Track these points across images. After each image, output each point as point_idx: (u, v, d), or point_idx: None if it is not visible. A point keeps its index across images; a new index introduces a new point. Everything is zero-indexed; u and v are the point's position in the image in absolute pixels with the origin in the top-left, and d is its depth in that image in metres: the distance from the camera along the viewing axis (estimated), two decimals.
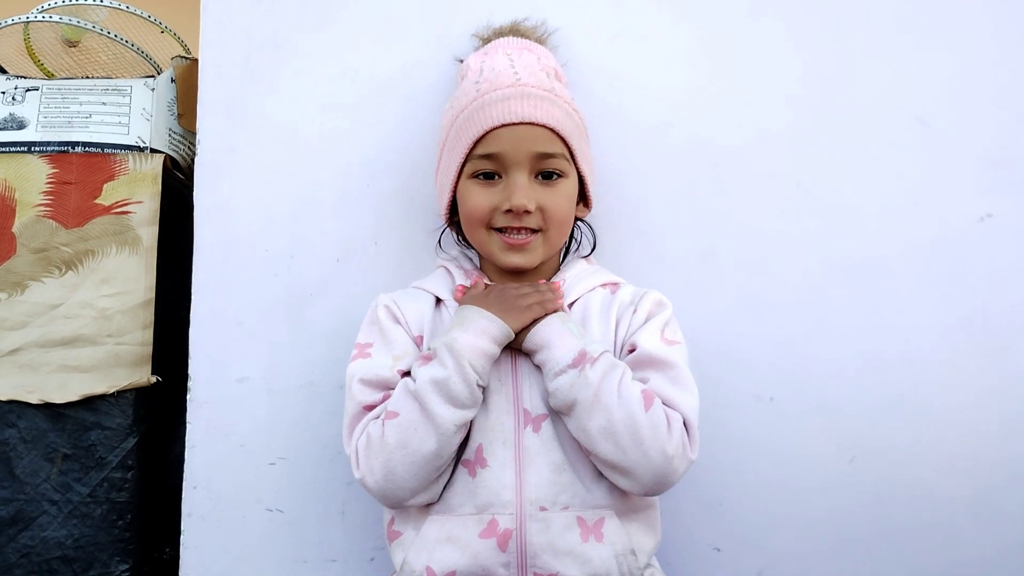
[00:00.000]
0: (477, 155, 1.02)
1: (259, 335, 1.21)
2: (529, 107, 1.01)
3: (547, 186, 1.02)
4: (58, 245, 1.26)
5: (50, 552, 1.21)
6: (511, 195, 0.99)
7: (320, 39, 1.25)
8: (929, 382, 1.21)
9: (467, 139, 1.02)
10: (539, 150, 1.00)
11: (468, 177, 1.03)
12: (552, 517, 0.94)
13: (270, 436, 1.20)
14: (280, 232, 1.22)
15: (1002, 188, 1.23)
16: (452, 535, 0.94)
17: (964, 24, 1.25)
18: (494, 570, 0.93)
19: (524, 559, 0.93)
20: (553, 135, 1.01)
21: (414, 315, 1.04)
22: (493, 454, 0.95)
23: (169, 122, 1.38)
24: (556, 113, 1.02)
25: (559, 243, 1.06)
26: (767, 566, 1.20)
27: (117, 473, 1.23)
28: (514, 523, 0.93)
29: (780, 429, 1.20)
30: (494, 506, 0.94)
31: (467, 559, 0.93)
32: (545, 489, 0.94)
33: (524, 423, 0.97)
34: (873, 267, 1.22)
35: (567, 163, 1.03)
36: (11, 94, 1.36)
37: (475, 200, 1.02)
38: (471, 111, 1.03)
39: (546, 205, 1.00)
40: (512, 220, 1.00)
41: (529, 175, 1.01)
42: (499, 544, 0.93)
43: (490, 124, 1.00)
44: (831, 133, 1.24)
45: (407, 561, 0.95)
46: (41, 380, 1.23)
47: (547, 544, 0.93)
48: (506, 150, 1.00)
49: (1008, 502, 1.20)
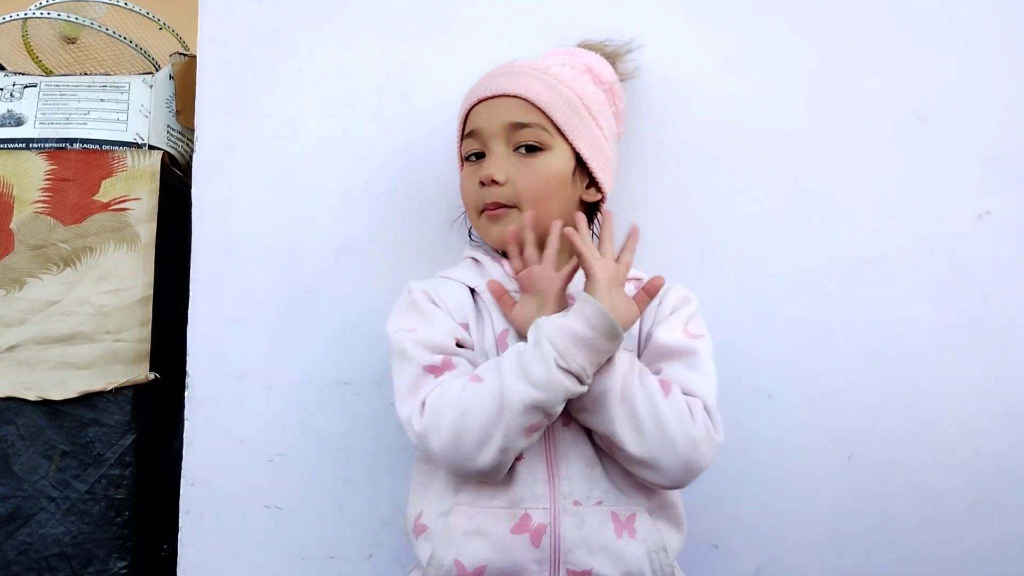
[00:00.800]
0: (465, 135, 1.05)
1: (257, 332, 1.21)
2: (504, 81, 1.02)
3: (523, 160, 1.00)
4: (56, 242, 1.26)
5: (48, 549, 1.21)
6: (482, 167, 1.00)
7: (319, 36, 1.24)
8: (927, 379, 1.21)
9: (459, 122, 1.05)
10: (510, 119, 1.00)
11: (461, 162, 1.06)
12: (586, 512, 0.92)
13: (268, 433, 1.20)
14: (278, 229, 1.22)
15: (1001, 186, 1.24)
16: (482, 528, 0.92)
17: (963, 22, 1.26)
18: (526, 566, 0.91)
19: (557, 555, 0.91)
20: (528, 105, 1.01)
21: (454, 303, 1.00)
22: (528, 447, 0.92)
23: (167, 119, 1.38)
24: (535, 86, 1.02)
25: (546, 217, 1.00)
26: (765, 563, 1.20)
27: (115, 470, 1.23)
28: (548, 518, 0.91)
29: (778, 426, 1.20)
30: (527, 500, 0.92)
31: (498, 554, 0.91)
32: (578, 483, 0.93)
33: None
34: (872, 264, 1.22)
35: (547, 136, 1.01)
36: (9, 91, 1.36)
37: (464, 183, 1.04)
38: (463, 99, 1.06)
39: (516, 179, 0.99)
40: (485, 194, 1.00)
41: (507, 148, 1.01)
42: (532, 540, 0.91)
43: (471, 102, 1.03)
44: (830, 131, 1.24)
45: (435, 554, 0.92)
46: (39, 377, 1.23)
47: (581, 539, 0.91)
48: (481, 123, 1.02)
49: (1006, 497, 1.21)
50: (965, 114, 1.24)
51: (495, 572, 0.91)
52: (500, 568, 0.91)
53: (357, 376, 1.20)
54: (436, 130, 1.21)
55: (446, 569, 0.92)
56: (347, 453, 1.19)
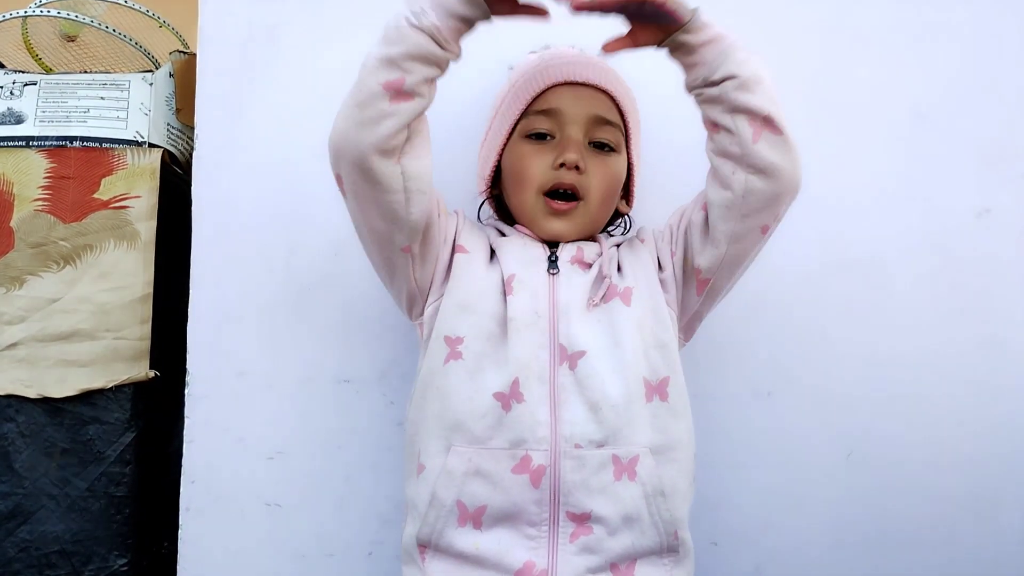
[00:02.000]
0: (534, 111, 1.02)
1: (257, 330, 1.21)
2: (593, 72, 1.02)
3: (598, 155, 1.01)
4: (56, 240, 1.26)
5: (49, 546, 1.21)
6: (564, 150, 0.99)
7: (318, 34, 1.25)
8: (926, 377, 1.21)
9: (526, 95, 1.02)
10: (598, 113, 1.01)
11: (520, 137, 1.03)
12: (587, 455, 0.92)
13: (268, 430, 1.20)
14: (278, 226, 1.22)
15: (999, 183, 1.24)
16: (481, 469, 0.92)
17: (962, 19, 1.26)
18: (526, 506, 0.91)
19: (557, 496, 0.91)
20: (613, 104, 1.02)
21: (472, 233, 1.03)
22: (529, 389, 0.93)
23: (167, 117, 1.38)
24: (618, 87, 1.03)
25: (600, 220, 1.04)
26: (764, 561, 1.20)
27: (115, 468, 1.23)
28: (548, 459, 0.91)
29: (777, 424, 1.21)
30: (528, 442, 0.92)
31: (499, 494, 0.91)
32: (580, 427, 0.92)
33: (560, 359, 0.95)
34: (871, 263, 1.22)
35: (621, 139, 1.03)
36: (9, 89, 1.36)
37: (527, 160, 1.01)
38: (532, 73, 1.04)
39: (595, 171, 1.00)
40: (562, 175, 0.99)
41: (584, 139, 1.01)
42: (532, 480, 0.91)
43: (552, 80, 1.01)
44: (828, 128, 1.24)
45: (436, 495, 0.92)
46: (39, 375, 1.23)
47: (581, 482, 0.91)
48: (565, 106, 1.00)
49: (1004, 497, 1.21)
50: (963, 111, 1.24)
51: (495, 512, 0.92)
52: (500, 508, 0.92)
53: (357, 374, 1.20)
54: (435, 127, 1.20)
55: (448, 509, 0.92)
56: (347, 451, 1.19)
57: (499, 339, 0.96)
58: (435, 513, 0.92)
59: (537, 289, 0.97)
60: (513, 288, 0.97)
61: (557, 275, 0.99)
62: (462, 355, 0.95)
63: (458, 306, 0.97)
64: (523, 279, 0.98)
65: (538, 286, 0.98)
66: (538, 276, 0.98)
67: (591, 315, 0.97)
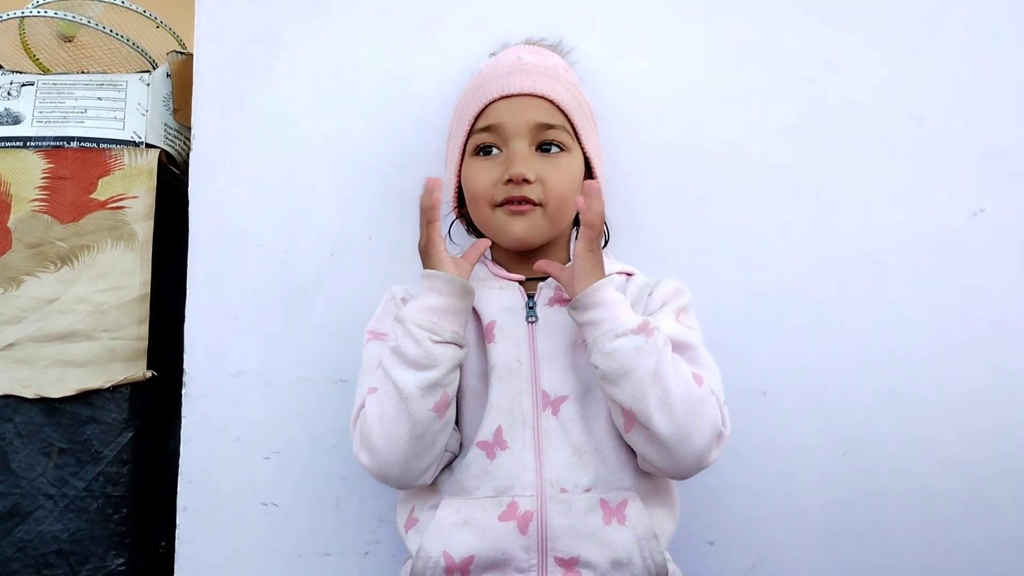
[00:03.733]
0: (478, 128, 1.02)
1: (254, 329, 1.21)
2: (528, 80, 1.02)
3: (547, 159, 1.01)
4: (53, 240, 1.26)
5: (46, 546, 1.22)
6: (511, 164, 0.99)
7: (314, 33, 1.25)
8: (922, 376, 1.21)
9: (468, 115, 1.03)
10: (538, 120, 1.00)
11: (470, 155, 1.03)
12: (574, 499, 0.92)
13: (265, 430, 1.20)
14: (275, 226, 1.22)
15: (995, 183, 1.24)
16: (469, 519, 0.92)
17: (958, 19, 1.26)
18: (514, 553, 0.91)
19: (545, 542, 0.91)
20: (553, 107, 1.02)
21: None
22: (512, 436, 0.94)
23: (164, 117, 1.38)
24: (556, 88, 1.03)
25: (561, 222, 1.03)
26: (760, 559, 1.20)
27: (113, 467, 1.23)
28: (535, 505, 0.92)
29: (773, 423, 1.21)
30: (514, 488, 0.92)
31: (486, 543, 0.91)
32: (565, 471, 0.93)
33: (543, 405, 0.95)
34: (866, 262, 1.22)
35: (569, 138, 1.03)
36: (7, 89, 1.36)
37: (477, 177, 1.01)
38: (472, 91, 1.05)
39: (546, 177, 0.99)
40: (512, 190, 0.99)
41: (529, 147, 1.00)
42: (519, 527, 0.91)
43: (489, 97, 1.02)
44: (825, 128, 1.24)
45: (423, 547, 0.93)
46: (37, 375, 1.23)
47: (568, 526, 0.91)
48: (504, 120, 1.00)
49: (1000, 495, 1.21)
50: (960, 112, 1.24)
51: (483, 561, 0.92)
52: (488, 557, 0.92)
53: (353, 373, 1.18)
54: (432, 127, 1.21)
55: (434, 561, 0.92)
56: (343, 450, 1.19)
57: (480, 392, 0.97)
58: (422, 564, 0.93)
59: (518, 337, 0.98)
60: (495, 336, 0.98)
61: (536, 323, 0.99)
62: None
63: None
64: (504, 327, 0.99)
65: (519, 334, 0.98)
66: (519, 325, 0.99)
67: (574, 359, 0.97)
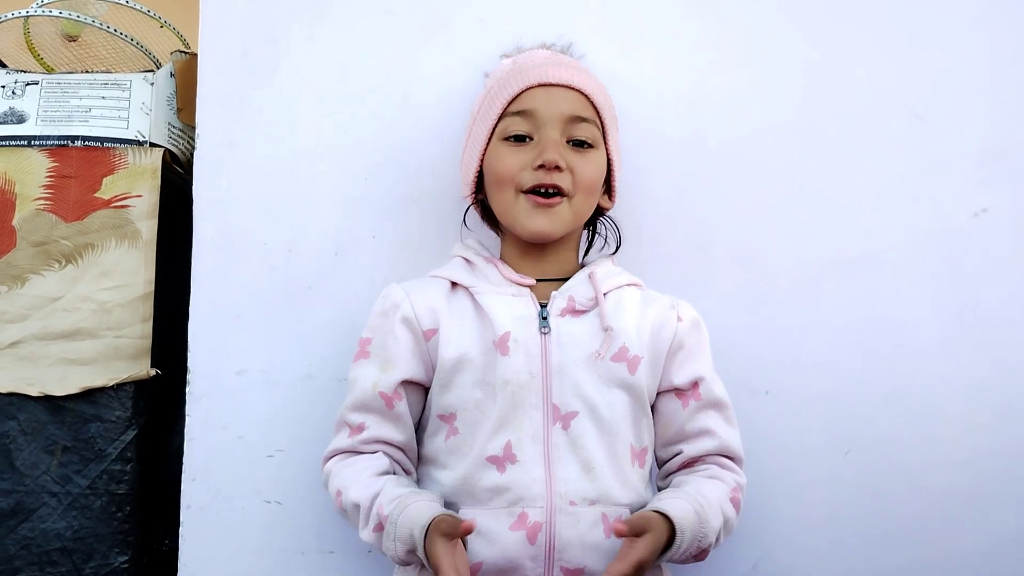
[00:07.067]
0: (510, 113, 1.03)
1: (258, 328, 1.21)
2: (567, 73, 1.03)
3: (580, 152, 1.02)
4: (58, 239, 1.27)
5: (50, 544, 1.22)
6: (543, 151, 1.00)
7: (319, 32, 1.25)
8: (924, 375, 1.22)
9: (502, 100, 1.03)
10: (573, 112, 1.02)
11: (499, 139, 1.04)
12: (581, 512, 0.94)
13: (269, 428, 1.20)
14: (279, 225, 1.23)
15: (997, 182, 1.24)
16: (482, 528, 0.93)
17: (960, 18, 1.26)
18: (522, 563, 0.93)
19: (552, 552, 0.93)
20: (587, 102, 1.03)
21: (425, 306, 1.02)
22: (523, 449, 0.95)
23: (168, 116, 1.39)
24: (591, 84, 1.05)
25: (583, 215, 1.05)
26: (762, 558, 1.20)
27: (116, 465, 1.24)
28: (544, 516, 0.94)
29: (775, 422, 1.21)
30: (524, 500, 0.94)
31: (496, 551, 0.93)
32: (574, 484, 0.95)
33: (553, 419, 0.97)
34: (868, 261, 1.23)
35: (598, 134, 1.04)
36: (11, 88, 1.37)
37: (505, 160, 1.02)
38: (506, 77, 1.05)
39: (576, 168, 1.01)
40: (543, 176, 0.99)
41: (561, 137, 1.01)
42: (528, 537, 0.93)
43: (526, 83, 1.03)
44: (827, 127, 1.24)
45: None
46: (41, 373, 1.24)
47: (576, 538, 0.94)
48: (540, 107, 1.01)
49: (1003, 493, 1.21)
50: (961, 111, 1.25)
51: (491, 568, 0.93)
52: (497, 565, 0.93)
53: None
54: (436, 127, 1.21)
55: None
56: None
57: (490, 404, 0.98)
58: (430, 571, 0.93)
59: (531, 348, 0.98)
60: (509, 349, 0.98)
61: (548, 334, 1.00)
62: (458, 430, 0.99)
63: (442, 386, 1.00)
64: (518, 338, 0.99)
65: (532, 346, 0.99)
66: (532, 336, 0.99)
67: (588, 373, 0.98)
